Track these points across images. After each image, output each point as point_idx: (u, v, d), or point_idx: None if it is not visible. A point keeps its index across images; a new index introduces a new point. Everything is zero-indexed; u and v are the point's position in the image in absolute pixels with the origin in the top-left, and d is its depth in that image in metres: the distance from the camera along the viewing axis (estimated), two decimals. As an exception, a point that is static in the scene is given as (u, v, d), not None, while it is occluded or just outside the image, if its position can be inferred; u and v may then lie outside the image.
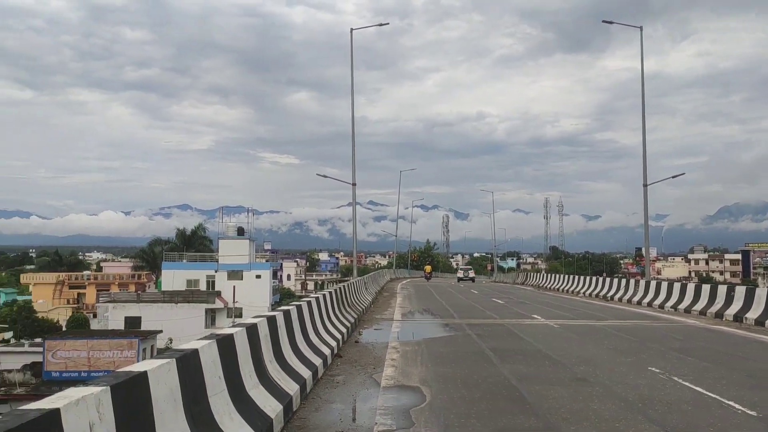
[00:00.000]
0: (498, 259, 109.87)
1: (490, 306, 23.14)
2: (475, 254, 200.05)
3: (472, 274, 61.53)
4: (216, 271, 59.06)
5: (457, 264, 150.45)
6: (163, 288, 58.27)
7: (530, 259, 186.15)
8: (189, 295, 54.87)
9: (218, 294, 56.42)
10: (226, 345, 5.70)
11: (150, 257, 76.36)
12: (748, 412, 6.93)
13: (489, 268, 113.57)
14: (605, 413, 6.88)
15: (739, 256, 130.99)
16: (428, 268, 65.49)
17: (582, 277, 36.47)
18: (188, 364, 4.78)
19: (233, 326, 6.58)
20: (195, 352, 4.98)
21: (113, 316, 51.64)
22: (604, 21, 28.77)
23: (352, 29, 29.43)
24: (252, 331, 6.65)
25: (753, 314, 16.43)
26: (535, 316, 18.88)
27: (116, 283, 73.73)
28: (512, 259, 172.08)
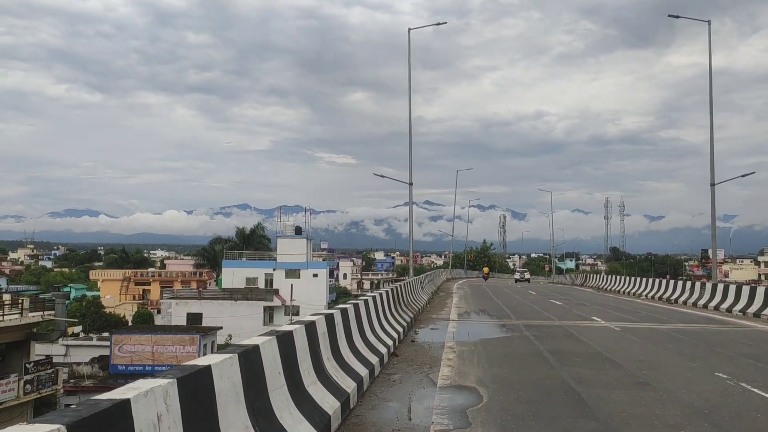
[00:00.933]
0: (556, 259, 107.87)
1: (548, 307, 22.77)
2: (533, 255, 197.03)
3: (527, 275, 66.88)
4: (274, 270, 60.09)
5: (514, 264, 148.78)
6: (223, 285, 59.72)
7: (589, 260, 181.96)
8: (248, 293, 56.02)
9: (276, 292, 57.37)
10: (285, 341, 5.81)
11: (211, 255, 78.36)
12: (824, 421, 6.61)
13: (547, 269, 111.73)
14: (669, 419, 6.69)
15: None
16: (486, 269, 68.54)
17: (644, 279, 35.45)
18: (249, 359, 4.90)
19: (292, 323, 6.70)
20: (256, 348, 5.10)
21: (176, 312, 53.23)
22: (670, 15, 27.96)
23: (409, 29, 29.47)
24: (311, 328, 6.75)
25: (829, 320, 15.62)
26: (595, 318, 18.48)
27: (179, 280, 75.92)
28: (571, 260, 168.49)
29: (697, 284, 26.77)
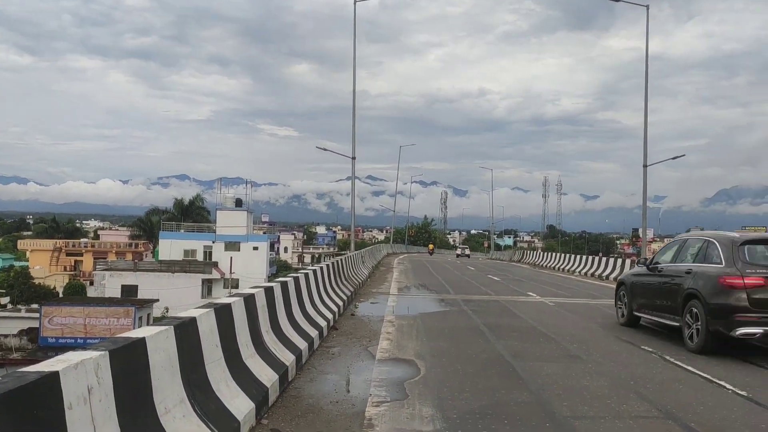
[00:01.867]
0: (495, 236, 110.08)
1: (486, 282, 23.25)
2: (473, 231, 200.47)
3: (468, 251, 75.37)
4: (213, 242, 59.25)
5: (454, 240, 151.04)
6: (160, 257, 58.53)
7: (527, 238, 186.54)
8: (186, 265, 55.10)
9: (215, 265, 56.63)
10: (223, 314, 5.74)
11: (147, 226, 76.54)
12: (739, 392, 7.01)
13: (486, 245, 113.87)
14: (597, 390, 6.96)
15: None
16: (431, 246, 73.62)
17: (578, 256, 36.61)
18: (186, 332, 4.81)
19: (231, 296, 6.62)
20: (193, 320, 5.02)
21: (110, 284, 51.91)
22: (610, -1, 28.36)
23: (355, 1, 29.08)
24: (250, 301, 6.68)
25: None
26: (531, 293, 18.99)
27: (113, 251, 73.95)
28: (509, 237, 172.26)
29: (627, 262, 27.82)
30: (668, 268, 10.68)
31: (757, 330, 8.70)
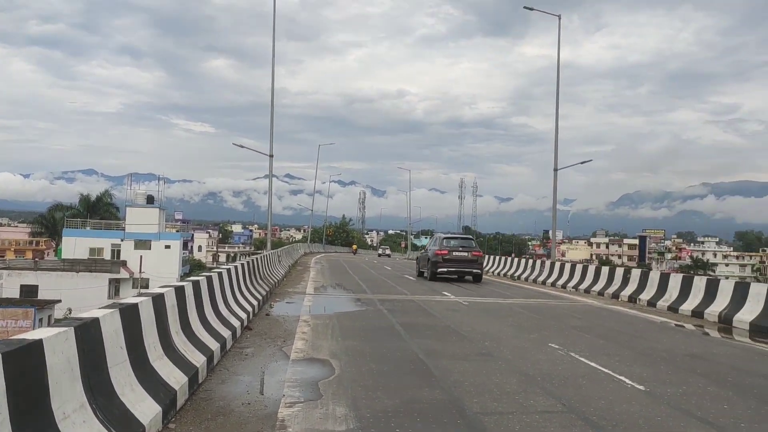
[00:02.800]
0: (412, 236, 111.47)
1: (402, 282, 23.48)
2: (390, 231, 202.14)
3: (388, 251, 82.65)
4: (122, 240, 56.91)
5: (371, 240, 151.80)
6: (64, 256, 55.62)
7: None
8: (91, 264, 52.67)
9: (124, 264, 54.43)
10: (129, 315, 5.51)
11: (50, 223, 72.63)
12: (637, 386, 7.39)
13: (403, 245, 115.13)
14: (506, 387, 7.16)
15: (636, 241, 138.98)
16: (355, 246, 75.46)
17: (492, 257, 37.57)
18: (88, 334, 4.59)
19: (138, 296, 6.37)
20: (96, 321, 4.79)
21: (8, 284, 48.84)
22: (525, 7, 29.36)
23: (274, -4, 28.70)
24: (158, 301, 6.45)
25: (646, 296, 17.47)
26: (445, 293, 19.32)
27: (12, 249, 69.73)
28: (426, 237, 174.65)
29: (538, 262, 28.81)
30: (427, 249, 23.64)
31: (444, 270, 23.56)
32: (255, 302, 12.86)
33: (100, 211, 69.55)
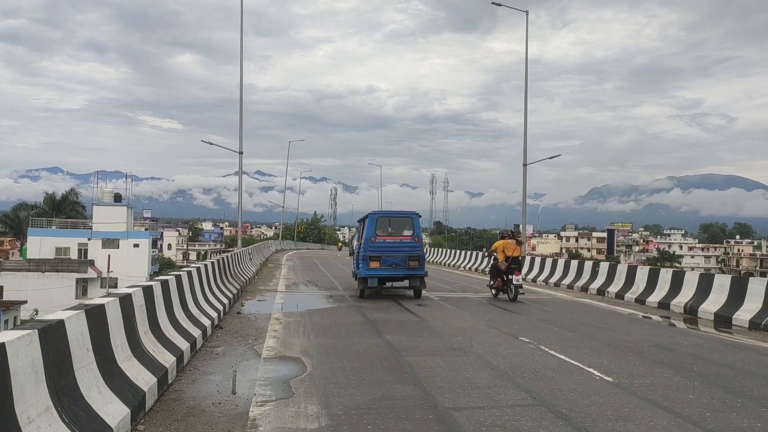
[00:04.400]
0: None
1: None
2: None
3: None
4: (89, 239, 55.93)
5: (344, 236, 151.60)
6: (29, 256, 54.45)
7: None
8: (58, 264, 51.68)
9: (91, 263, 53.53)
10: (96, 315, 5.41)
11: (14, 223, 71.08)
12: (605, 378, 7.50)
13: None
14: (477, 381, 7.21)
15: (605, 235, 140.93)
16: (339, 244, 73.71)
17: (463, 252, 37.82)
18: (53, 336, 4.50)
19: (106, 296, 6.26)
20: (60, 323, 4.69)
21: (-29, 285, 47.70)
22: (493, 2, 29.48)
23: (242, -8, 28.42)
24: (126, 301, 6.35)
25: (614, 288, 17.75)
26: (417, 288, 19.33)
27: (-25, 249, 67.97)
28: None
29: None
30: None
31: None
32: (226, 301, 12.75)
33: (66, 209, 68.25)
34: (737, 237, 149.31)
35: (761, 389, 7.16)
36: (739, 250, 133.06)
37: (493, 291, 17.27)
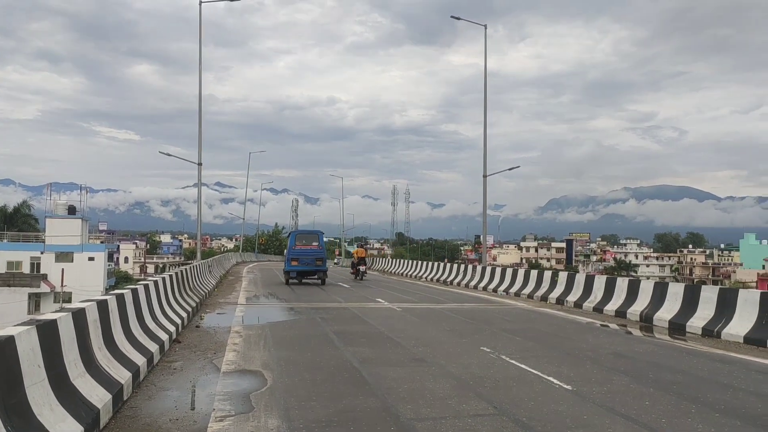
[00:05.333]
0: (346, 243, 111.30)
1: (336, 290, 23.40)
2: (324, 239, 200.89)
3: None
4: (42, 253, 54.41)
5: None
6: (-21, 270, 52.66)
7: (377, 245, 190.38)
8: (9, 278, 50.14)
9: (44, 277, 52.08)
10: (48, 331, 5.25)
11: (-37, 236, 68.58)
12: (564, 386, 7.59)
13: (337, 253, 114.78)
14: (439, 392, 7.22)
15: (563, 245, 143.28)
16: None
17: (425, 263, 37.95)
18: (2, 353, 4.34)
19: (59, 311, 6.08)
20: (10, 339, 4.53)
21: None
22: (452, 16, 29.91)
23: (201, 1, 28.21)
24: (79, 316, 6.17)
25: (573, 297, 18.03)
26: (379, 299, 19.37)
27: None
28: (360, 245, 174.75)
29: (470, 267, 29.29)
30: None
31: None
32: (184, 314, 12.53)
33: (17, 222, 66.37)
34: (690, 246, 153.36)
35: (714, 395, 7.34)
36: (692, 259, 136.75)
37: (353, 276, 31.35)
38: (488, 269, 26.21)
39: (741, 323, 11.76)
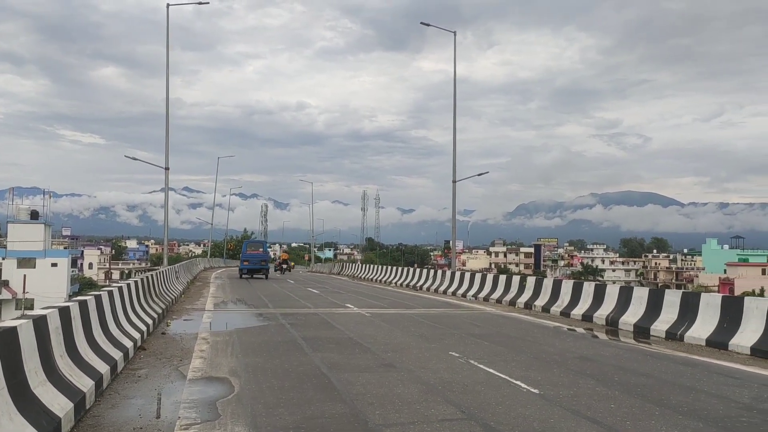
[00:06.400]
0: (316, 249, 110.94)
1: (305, 295, 23.28)
2: (294, 244, 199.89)
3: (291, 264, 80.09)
4: (3, 258, 53.12)
5: (274, 253, 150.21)
6: (-64, 277, 51.22)
7: (347, 250, 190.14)
8: (-31, 285, 48.78)
9: (5, 284, 50.86)
10: (7, 339, 5.12)
11: None
12: (532, 390, 7.66)
13: (306, 258, 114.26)
14: (408, 397, 7.22)
15: (532, 250, 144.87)
16: (282, 256, 73.35)
17: (394, 268, 37.99)
18: (-43, 362, 4.22)
19: (20, 318, 5.93)
20: (-34, 348, 4.41)
21: None
22: (422, 23, 30.07)
23: (168, 4, 27.91)
24: (40, 323, 6.03)
25: (540, 302, 18.22)
26: (349, 305, 19.32)
27: None
28: (330, 250, 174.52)
29: (440, 272, 29.41)
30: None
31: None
32: (150, 321, 12.33)
33: (-23, 227, 64.62)
34: (654, 251, 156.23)
35: (677, 397, 7.48)
36: (656, 263, 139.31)
37: (276, 271, 42.07)
38: (457, 274, 26.34)
39: (703, 326, 12.01)
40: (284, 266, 44.74)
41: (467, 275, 25.43)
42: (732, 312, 11.55)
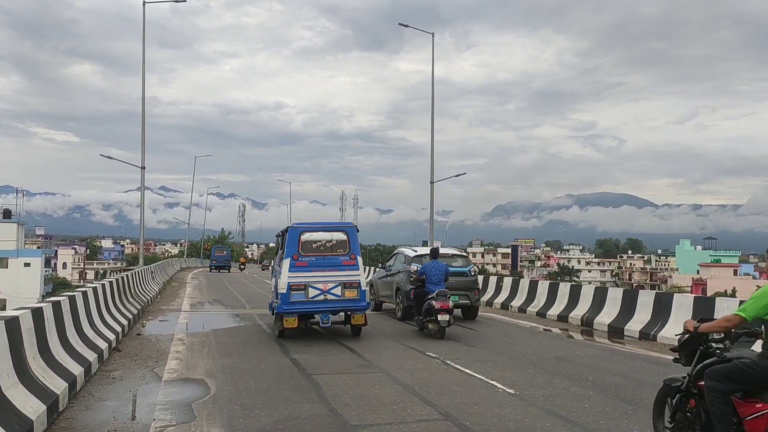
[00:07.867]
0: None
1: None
2: (271, 244, 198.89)
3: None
4: (-26, 258, 52.07)
5: (252, 253, 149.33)
6: None
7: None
8: (-62, 285, 47.75)
9: (-23, 284, 49.78)
10: (-23, 341, 5.04)
11: None
12: (508, 390, 7.72)
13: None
14: (385, 397, 7.24)
15: (509, 251, 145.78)
16: (243, 260, 71.39)
17: (374, 269, 37.97)
18: (-74, 364, 4.15)
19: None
20: (-64, 350, 4.34)
21: None
22: (400, 24, 30.08)
23: (144, 2, 27.63)
24: (12, 324, 5.95)
25: (517, 302, 18.35)
26: (326, 305, 19.24)
27: None
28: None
29: (417, 273, 29.35)
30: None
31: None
32: (125, 322, 12.21)
33: (-53, 226, 63.29)
34: (629, 252, 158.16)
35: (650, 396, 7.56)
36: (631, 264, 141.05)
37: (240, 268, 52.41)
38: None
39: (676, 327, 12.17)
40: (242, 267, 54.70)
41: (445, 276, 25.47)
42: (704, 312, 11.70)
